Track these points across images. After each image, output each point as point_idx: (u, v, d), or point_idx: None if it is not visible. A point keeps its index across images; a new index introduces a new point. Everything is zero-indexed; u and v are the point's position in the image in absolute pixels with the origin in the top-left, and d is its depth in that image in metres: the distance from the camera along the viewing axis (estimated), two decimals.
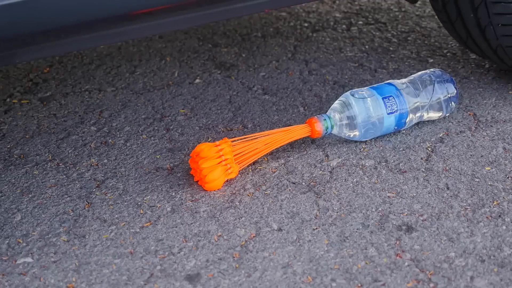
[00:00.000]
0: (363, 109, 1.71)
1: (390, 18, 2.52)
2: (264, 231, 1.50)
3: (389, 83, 1.78)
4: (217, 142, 1.61)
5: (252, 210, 1.56)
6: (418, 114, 1.78)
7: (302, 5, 2.54)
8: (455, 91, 1.82)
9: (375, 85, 1.79)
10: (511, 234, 1.48)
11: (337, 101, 1.74)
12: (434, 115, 1.81)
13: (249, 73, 2.15)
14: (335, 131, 1.72)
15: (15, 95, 2.06)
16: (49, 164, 1.73)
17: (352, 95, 1.73)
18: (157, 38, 2.37)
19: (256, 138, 1.66)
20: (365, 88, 1.77)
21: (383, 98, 1.73)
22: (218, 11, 1.45)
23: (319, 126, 1.70)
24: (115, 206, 1.58)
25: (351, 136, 1.74)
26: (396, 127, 1.76)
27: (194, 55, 2.26)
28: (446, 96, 1.81)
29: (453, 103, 1.82)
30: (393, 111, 1.73)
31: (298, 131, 1.70)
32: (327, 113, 1.72)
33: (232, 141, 1.64)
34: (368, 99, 1.72)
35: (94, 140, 1.83)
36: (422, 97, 1.77)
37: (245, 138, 1.66)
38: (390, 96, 1.74)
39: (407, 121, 1.76)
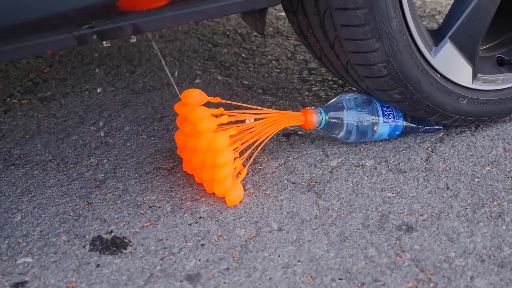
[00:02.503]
0: (360, 113, 1.71)
1: None
2: (264, 231, 1.50)
3: None
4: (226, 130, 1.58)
5: (252, 210, 1.56)
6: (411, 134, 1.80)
7: None
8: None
9: None
10: (511, 234, 1.48)
11: (335, 100, 1.74)
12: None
13: (249, 73, 2.15)
14: (326, 127, 1.71)
15: (15, 95, 2.06)
16: (49, 164, 1.73)
17: (351, 98, 1.73)
18: (157, 38, 2.37)
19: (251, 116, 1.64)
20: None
21: (381, 106, 1.73)
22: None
23: (314, 118, 1.69)
24: (115, 206, 1.58)
25: (340, 136, 1.73)
26: (387, 137, 1.77)
27: (194, 55, 2.26)
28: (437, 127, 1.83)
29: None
30: (389, 121, 1.74)
31: (293, 118, 1.68)
32: (323, 108, 1.72)
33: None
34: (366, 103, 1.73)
35: (94, 140, 1.83)
36: (418, 123, 1.80)
37: (238, 114, 1.63)
38: (389, 106, 1.74)
39: (399, 134, 1.77)
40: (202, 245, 1.47)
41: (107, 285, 1.37)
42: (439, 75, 1.67)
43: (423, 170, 1.68)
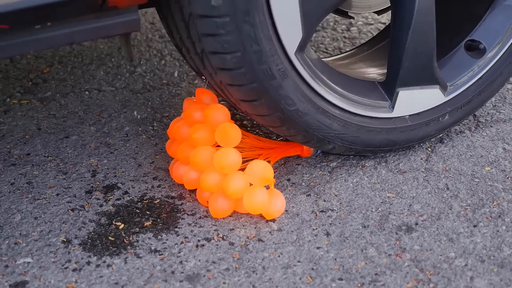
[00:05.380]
0: None
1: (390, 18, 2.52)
2: (264, 231, 1.50)
3: None
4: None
5: None
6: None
7: None
8: None
9: None
10: (511, 234, 1.48)
11: None
12: None
13: None
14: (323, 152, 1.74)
15: (15, 95, 2.06)
16: (49, 164, 1.73)
17: None
18: (157, 38, 2.37)
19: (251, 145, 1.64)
20: None
21: None
22: None
23: (311, 149, 1.70)
24: (115, 206, 1.58)
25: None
26: None
27: None
28: None
29: None
30: None
31: (291, 149, 1.69)
32: None
33: None
34: None
35: (94, 140, 1.83)
36: None
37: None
38: None
39: None
40: (202, 245, 1.47)
41: (107, 285, 1.37)
42: (408, 116, 1.65)
43: (423, 170, 1.68)
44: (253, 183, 1.49)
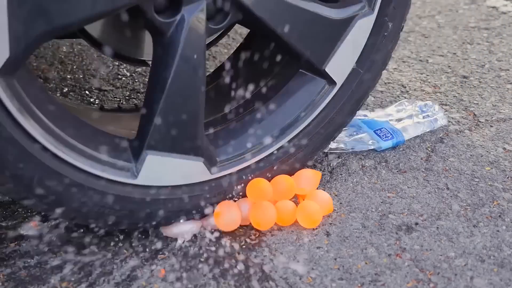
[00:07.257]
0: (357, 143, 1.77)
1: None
2: (264, 231, 1.50)
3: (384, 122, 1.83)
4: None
5: None
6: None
7: None
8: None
9: (366, 119, 1.83)
10: (511, 234, 1.48)
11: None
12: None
13: None
14: None
15: None
16: None
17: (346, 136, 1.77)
18: None
19: None
20: (358, 121, 1.80)
21: (374, 131, 1.76)
22: None
23: None
24: None
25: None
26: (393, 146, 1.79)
27: None
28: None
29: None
30: (388, 138, 1.76)
31: None
32: None
33: None
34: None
35: None
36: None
37: None
38: (382, 128, 1.77)
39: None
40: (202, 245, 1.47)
41: (107, 285, 1.37)
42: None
43: (423, 170, 1.68)
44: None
